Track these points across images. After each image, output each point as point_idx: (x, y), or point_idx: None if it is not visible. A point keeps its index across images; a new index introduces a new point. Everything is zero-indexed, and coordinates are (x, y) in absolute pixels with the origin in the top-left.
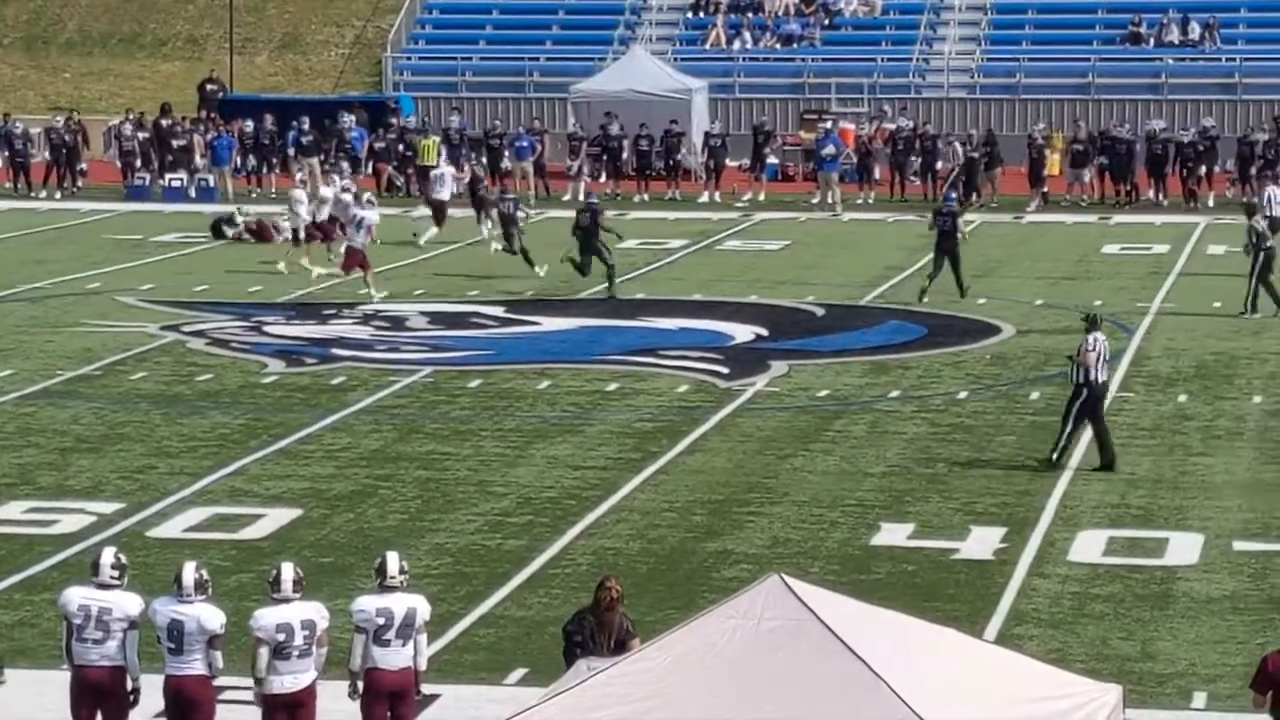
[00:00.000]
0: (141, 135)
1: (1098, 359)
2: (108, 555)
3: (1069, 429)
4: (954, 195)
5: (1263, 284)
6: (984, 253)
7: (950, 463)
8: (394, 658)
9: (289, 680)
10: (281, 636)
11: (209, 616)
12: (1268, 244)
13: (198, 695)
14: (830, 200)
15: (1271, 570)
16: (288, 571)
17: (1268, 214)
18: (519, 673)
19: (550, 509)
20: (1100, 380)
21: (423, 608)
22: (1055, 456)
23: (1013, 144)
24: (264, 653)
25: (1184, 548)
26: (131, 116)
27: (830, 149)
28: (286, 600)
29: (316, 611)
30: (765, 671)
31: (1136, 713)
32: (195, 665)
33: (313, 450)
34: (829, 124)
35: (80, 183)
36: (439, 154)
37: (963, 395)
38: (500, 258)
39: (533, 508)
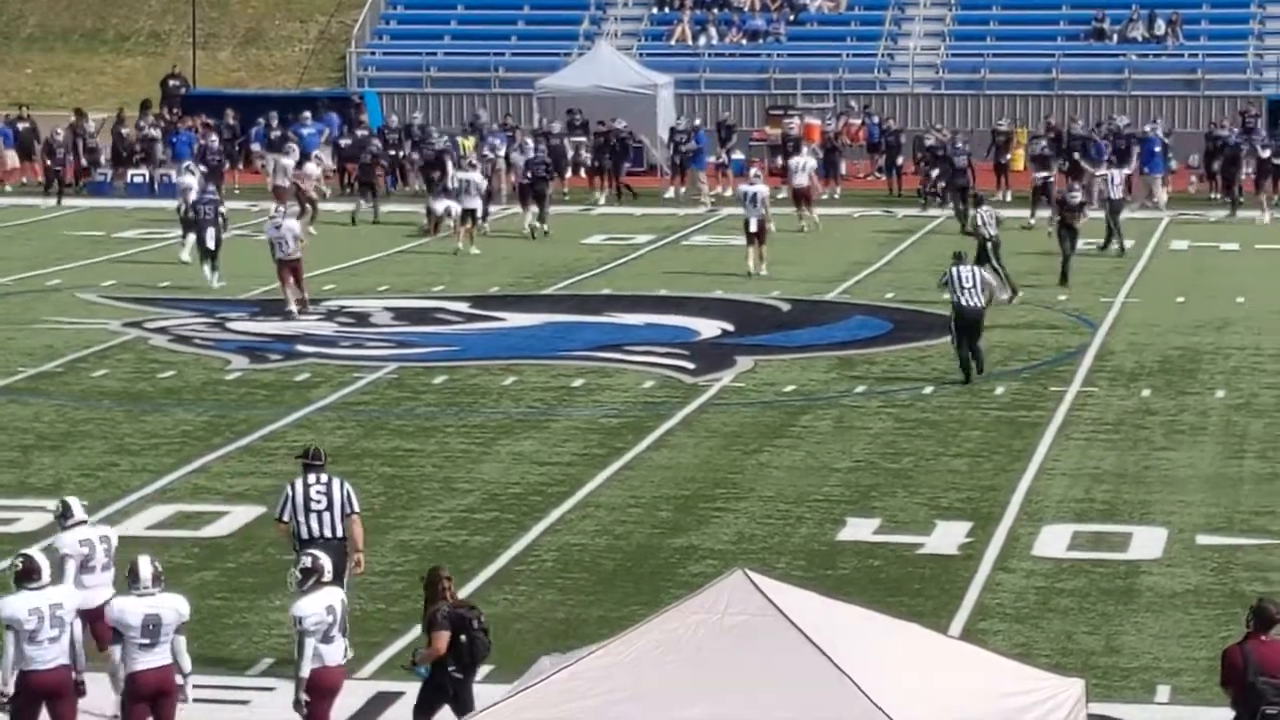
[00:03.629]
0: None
1: (958, 287)
2: (39, 557)
3: (955, 348)
4: (1078, 187)
5: (999, 269)
6: (948, 248)
7: (916, 457)
8: (337, 653)
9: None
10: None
11: (180, 604)
12: (993, 233)
13: (170, 685)
14: (698, 196)
15: (1234, 564)
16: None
17: (1109, 196)
18: (484, 669)
19: (516, 505)
20: (966, 304)
21: (343, 597)
22: (965, 376)
23: (978, 140)
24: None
25: (1147, 542)
26: (90, 116)
27: (693, 145)
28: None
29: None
30: (729, 667)
31: (1100, 706)
32: (166, 656)
33: (277, 447)
34: (696, 122)
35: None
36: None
37: (928, 390)
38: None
39: (498, 504)
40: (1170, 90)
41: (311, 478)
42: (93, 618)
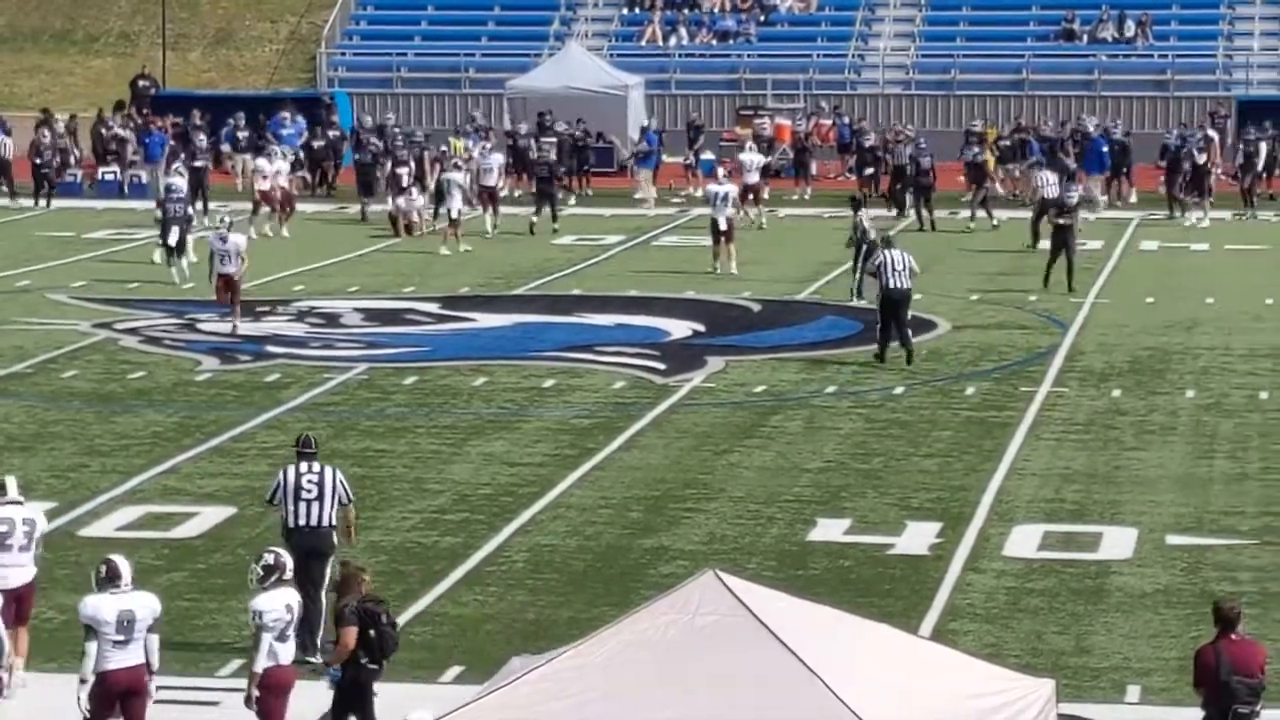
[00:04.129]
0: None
1: (889, 270)
2: None
3: (879, 330)
4: (1074, 189)
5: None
6: (919, 249)
7: (886, 458)
8: (291, 652)
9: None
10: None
11: (154, 601)
12: (870, 238)
13: (141, 684)
14: (643, 197)
15: (1204, 564)
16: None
17: (1042, 195)
18: (454, 670)
19: (486, 506)
20: (894, 286)
21: (300, 598)
22: (878, 355)
23: (949, 140)
24: None
25: (1118, 542)
26: (59, 116)
27: (643, 146)
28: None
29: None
30: (700, 667)
31: (1070, 706)
32: (139, 654)
33: (247, 448)
34: (644, 123)
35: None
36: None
37: (899, 390)
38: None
39: (469, 505)
40: (1140, 91)
41: (304, 466)
42: (7, 599)
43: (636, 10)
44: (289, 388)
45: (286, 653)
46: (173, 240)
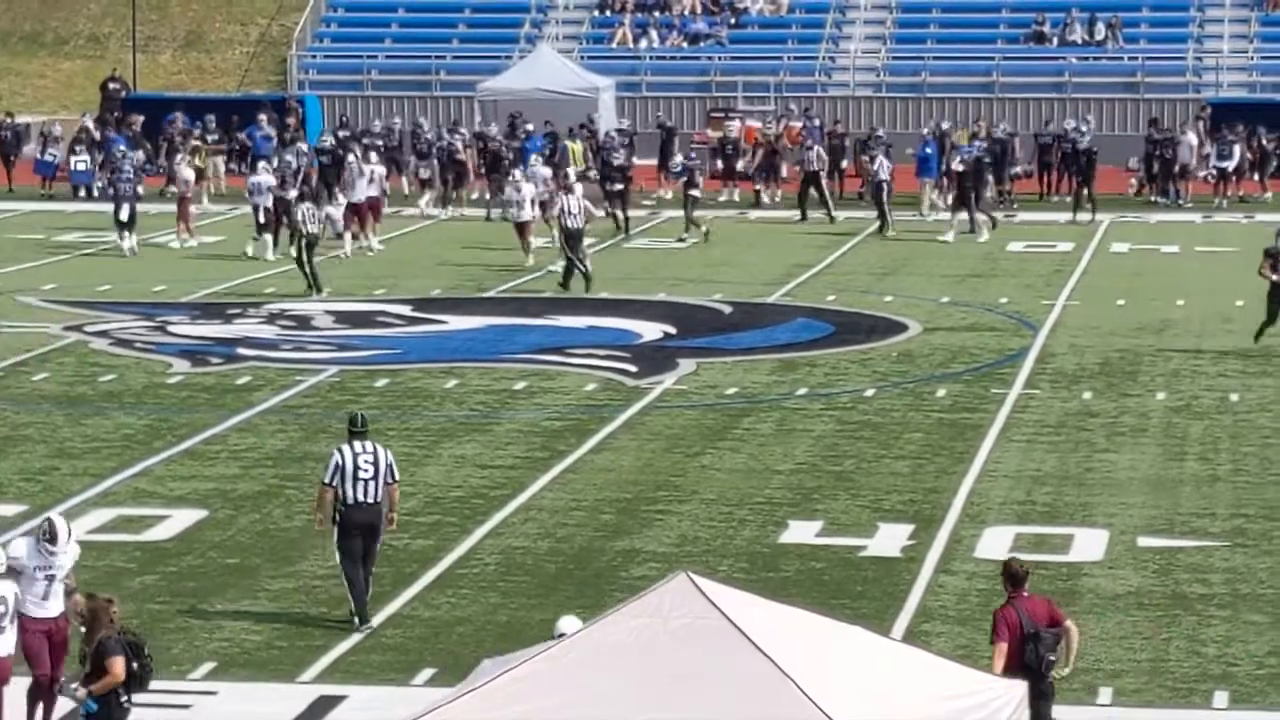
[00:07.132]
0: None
1: (566, 213)
2: None
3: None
4: None
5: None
6: (890, 251)
7: (858, 460)
8: (8, 644)
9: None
10: None
11: None
12: (310, 230)
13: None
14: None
15: (1175, 566)
16: None
17: (878, 179)
18: (427, 673)
19: (458, 508)
20: (570, 226)
21: (17, 591)
22: (562, 284)
23: (917, 142)
24: None
25: (1089, 544)
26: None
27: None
28: None
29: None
30: (672, 671)
31: None
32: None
33: (218, 451)
34: (530, 126)
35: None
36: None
37: (870, 393)
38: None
39: (440, 507)
40: (1110, 93)
41: (359, 445)
42: None
43: (607, 13)
44: (260, 390)
45: (4, 644)
46: (125, 215)
